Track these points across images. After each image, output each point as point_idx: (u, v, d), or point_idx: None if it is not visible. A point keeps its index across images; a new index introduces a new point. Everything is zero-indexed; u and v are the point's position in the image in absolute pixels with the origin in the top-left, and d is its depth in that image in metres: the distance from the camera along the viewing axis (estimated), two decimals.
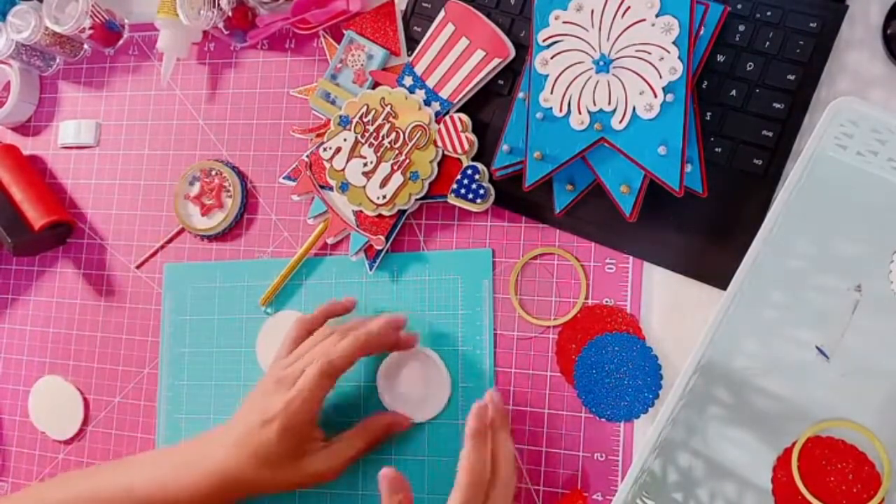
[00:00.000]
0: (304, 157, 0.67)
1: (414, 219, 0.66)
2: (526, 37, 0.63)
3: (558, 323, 0.61)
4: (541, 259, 0.63)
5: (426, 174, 0.63)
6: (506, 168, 0.60)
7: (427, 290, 0.65)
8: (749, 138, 0.57)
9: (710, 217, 0.58)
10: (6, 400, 0.76)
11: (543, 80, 0.57)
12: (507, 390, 0.62)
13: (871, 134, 0.50)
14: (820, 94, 0.57)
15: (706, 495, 0.56)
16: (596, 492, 0.59)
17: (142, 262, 0.73)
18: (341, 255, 0.67)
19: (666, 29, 0.53)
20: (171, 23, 0.70)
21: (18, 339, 0.77)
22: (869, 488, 0.53)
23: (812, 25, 0.56)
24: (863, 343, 0.55)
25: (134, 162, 0.75)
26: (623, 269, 0.61)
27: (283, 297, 0.68)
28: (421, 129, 0.63)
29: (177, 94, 0.75)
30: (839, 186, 0.56)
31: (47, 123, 0.79)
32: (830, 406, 0.55)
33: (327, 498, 0.65)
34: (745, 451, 0.56)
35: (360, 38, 0.67)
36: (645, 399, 0.58)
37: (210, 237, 0.71)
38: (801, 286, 0.56)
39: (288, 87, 0.71)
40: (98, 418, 0.73)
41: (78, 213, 0.76)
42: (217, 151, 0.73)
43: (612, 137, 0.55)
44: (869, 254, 0.55)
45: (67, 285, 0.75)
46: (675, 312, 0.59)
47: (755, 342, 0.57)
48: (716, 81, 0.58)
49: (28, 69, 0.78)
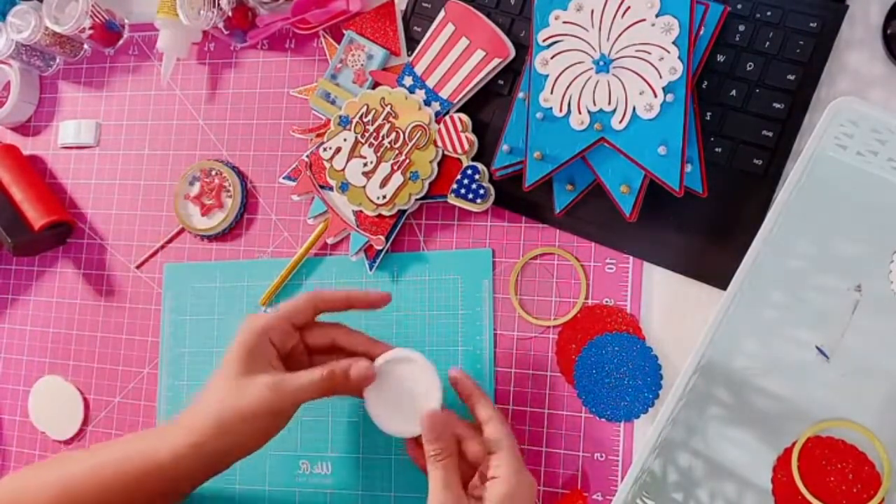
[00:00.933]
0: (304, 157, 0.67)
1: (414, 219, 0.66)
2: (526, 37, 0.63)
3: (558, 323, 0.61)
4: (541, 259, 0.63)
5: (426, 174, 0.63)
6: (506, 168, 0.60)
7: (427, 290, 0.65)
8: (749, 138, 0.57)
9: (710, 217, 0.58)
10: (6, 400, 0.76)
11: (543, 80, 0.57)
12: (507, 390, 0.62)
13: (871, 134, 0.50)
14: (820, 94, 0.57)
15: (706, 495, 0.56)
16: (596, 492, 0.59)
17: (142, 262, 0.73)
18: (341, 255, 0.67)
19: (666, 29, 0.53)
20: (171, 23, 0.70)
21: (18, 339, 0.77)
22: (869, 488, 0.53)
23: (812, 25, 0.56)
24: (863, 343, 0.55)
25: (134, 162, 0.75)
26: (623, 269, 0.61)
27: (284, 297, 0.68)
28: (421, 129, 0.63)
29: (177, 94, 0.75)
30: (839, 186, 0.56)
31: (47, 123, 0.79)
32: (830, 406, 0.55)
33: (327, 497, 0.65)
34: (745, 451, 0.56)
35: (360, 38, 0.67)
36: (645, 399, 0.58)
37: (210, 237, 0.71)
38: (801, 286, 0.56)
39: (288, 87, 0.71)
40: (98, 418, 0.73)
41: (78, 213, 0.76)
42: (217, 151, 0.73)
43: (612, 137, 0.55)
44: (869, 254, 0.55)
45: (67, 285, 0.75)
46: (675, 312, 0.59)
47: (755, 342, 0.57)
48: (716, 81, 0.58)
49: (28, 69, 0.78)
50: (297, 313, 0.56)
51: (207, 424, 0.52)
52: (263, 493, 0.66)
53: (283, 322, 0.55)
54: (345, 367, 0.54)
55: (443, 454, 0.52)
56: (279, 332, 0.55)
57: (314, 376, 0.53)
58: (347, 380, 0.54)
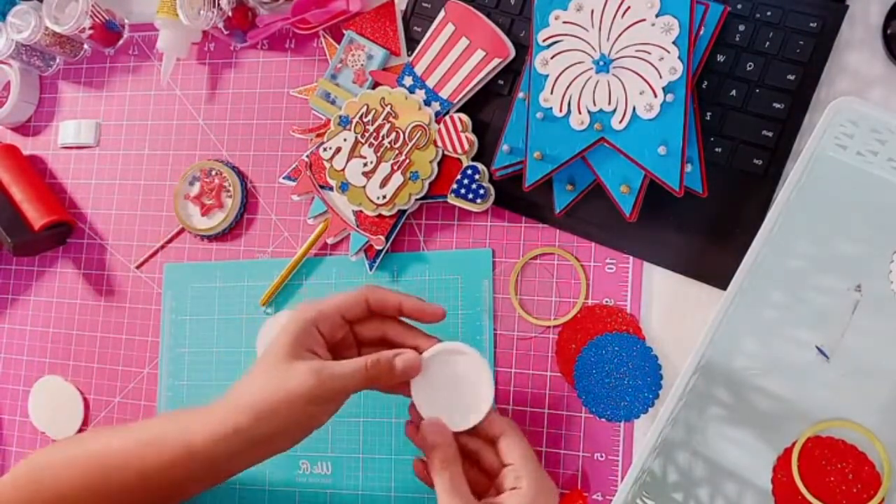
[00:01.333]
0: (304, 157, 0.67)
1: (414, 219, 0.66)
2: (526, 37, 0.63)
3: (558, 323, 0.61)
4: (541, 259, 0.63)
5: (426, 174, 0.63)
6: (506, 168, 0.60)
7: (427, 290, 0.65)
8: (749, 138, 0.57)
9: (710, 217, 0.58)
10: (6, 400, 0.76)
11: (543, 80, 0.57)
12: (507, 390, 0.62)
13: (871, 134, 0.50)
14: (820, 94, 0.57)
15: (706, 495, 0.56)
16: (596, 492, 0.59)
17: (142, 262, 0.73)
18: (341, 255, 0.67)
19: (666, 29, 0.53)
20: (170, 23, 0.70)
21: (18, 339, 0.77)
22: (869, 488, 0.53)
23: (812, 25, 0.56)
24: (863, 343, 0.55)
25: (134, 162, 0.75)
26: (623, 269, 0.61)
27: (283, 297, 0.68)
28: (421, 129, 0.63)
29: (177, 94, 0.75)
30: (839, 186, 0.56)
31: (47, 123, 0.79)
32: (830, 406, 0.55)
33: (327, 497, 0.65)
34: (745, 451, 0.56)
35: (360, 38, 0.67)
36: (645, 399, 0.58)
37: (210, 237, 0.71)
38: (801, 286, 0.56)
39: (288, 87, 0.71)
40: (98, 418, 0.73)
41: (78, 213, 0.76)
42: (217, 151, 0.73)
43: (612, 137, 0.55)
44: (869, 254, 0.55)
45: (67, 285, 0.75)
46: (675, 312, 0.59)
47: (755, 342, 0.57)
48: (716, 81, 0.58)
49: (28, 69, 0.78)
50: (348, 307, 0.54)
51: (247, 409, 0.50)
52: (263, 492, 0.66)
53: (333, 313, 0.54)
54: (390, 356, 0.52)
55: (446, 461, 0.51)
56: (328, 323, 0.53)
57: (359, 364, 0.51)
58: (393, 370, 0.52)
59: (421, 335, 0.56)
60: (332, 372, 0.51)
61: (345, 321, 0.54)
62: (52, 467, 0.54)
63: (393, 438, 0.64)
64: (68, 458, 0.54)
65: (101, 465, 0.53)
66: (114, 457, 0.53)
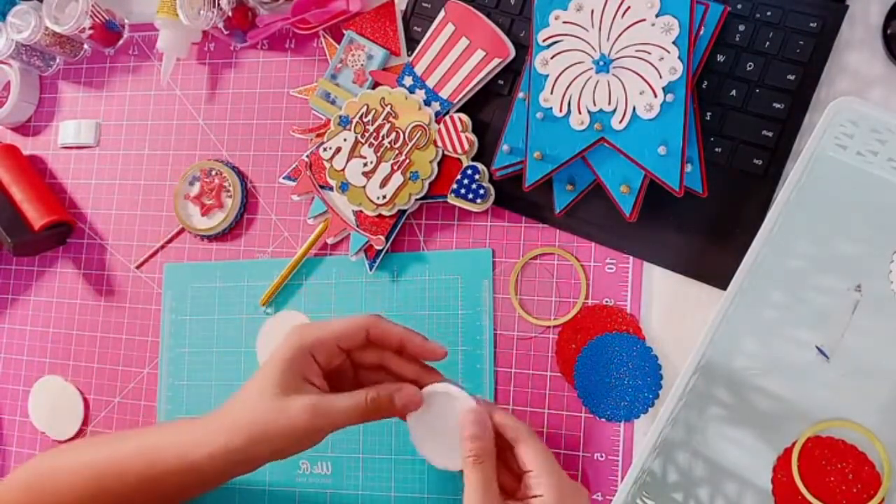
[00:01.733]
0: (304, 157, 0.67)
1: (414, 219, 0.66)
2: (526, 37, 0.63)
3: (558, 323, 0.61)
4: (541, 259, 0.63)
5: (426, 174, 0.63)
6: (506, 168, 0.60)
7: (427, 290, 0.65)
8: (749, 138, 0.57)
9: (710, 217, 0.58)
10: (6, 400, 0.76)
11: (543, 80, 0.57)
12: (507, 390, 0.62)
13: (871, 134, 0.50)
14: (820, 94, 0.57)
15: (706, 495, 0.56)
16: (596, 492, 0.59)
17: (142, 262, 0.73)
18: (341, 255, 0.67)
19: (666, 29, 0.53)
20: (170, 23, 0.70)
21: (18, 339, 0.77)
22: (869, 488, 0.53)
23: (812, 25, 0.56)
24: (863, 343, 0.55)
25: (134, 162, 0.75)
26: (623, 269, 0.61)
27: (283, 297, 0.68)
28: (421, 129, 0.63)
29: (177, 94, 0.75)
30: (839, 186, 0.56)
31: (47, 123, 0.79)
32: (830, 406, 0.55)
33: (327, 497, 0.65)
34: (745, 451, 0.56)
35: (360, 38, 0.67)
36: (645, 399, 0.58)
37: (210, 237, 0.71)
38: (801, 286, 0.56)
39: (288, 87, 0.71)
40: (98, 418, 0.73)
41: (78, 213, 0.76)
42: (217, 151, 0.73)
43: (612, 137, 0.55)
44: (869, 254, 0.55)
45: (67, 285, 0.75)
46: (675, 312, 0.59)
47: (755, 342, 0.57)
48: (716, 81, 0.58)
49: (28, 69, 0.78)
50: (346, 337, 0.53)
51: (241, 431, 0.50)
52: (263, 492, 0.66)
53: (331, 342, 0.53)
54: (390, 392, 0.51)
55: (482, 455, 0.49)
56: (324, 352, 0.52)
57: (357, 400, 0.51)
58: (392, 406, 0.51)
59: (421, 368, 0.55)
60: (328, 409, 0.50)
61: (341, 350, 0.54)
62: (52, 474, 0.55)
63: (393, 438, 0.64)
64: (67, 466, 0.55)
65: (99, 474, 0.54)
66: (111, 466, 0.54)
